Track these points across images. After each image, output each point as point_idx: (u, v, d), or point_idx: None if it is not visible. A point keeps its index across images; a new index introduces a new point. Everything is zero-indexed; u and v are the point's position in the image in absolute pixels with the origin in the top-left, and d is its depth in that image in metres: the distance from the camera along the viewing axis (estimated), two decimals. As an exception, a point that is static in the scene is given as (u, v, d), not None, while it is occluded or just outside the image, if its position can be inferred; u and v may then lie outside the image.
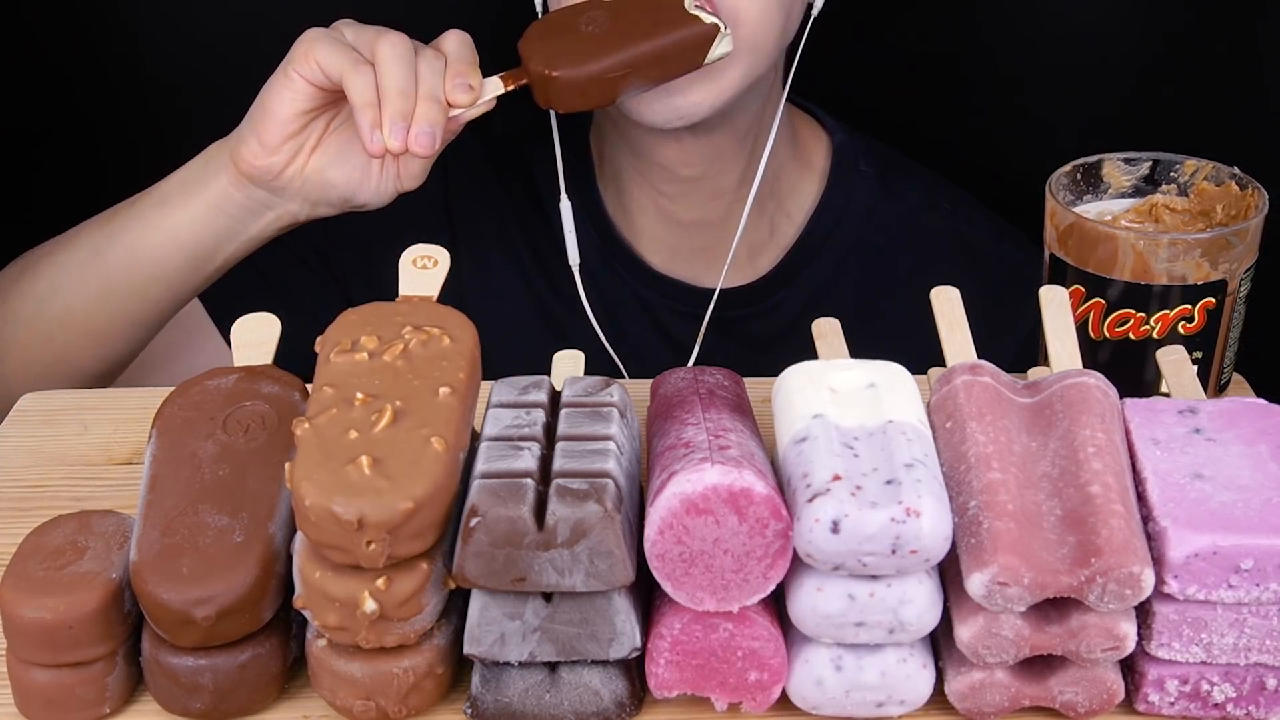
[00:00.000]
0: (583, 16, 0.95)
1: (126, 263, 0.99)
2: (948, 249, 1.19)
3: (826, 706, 0.67)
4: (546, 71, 0.93)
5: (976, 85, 1.35)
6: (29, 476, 0.86)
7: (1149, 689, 0.67)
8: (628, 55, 0.94)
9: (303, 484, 0.62)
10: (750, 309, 1.18)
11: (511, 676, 0.67)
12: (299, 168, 0.96)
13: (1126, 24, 1.31)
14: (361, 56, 0.92)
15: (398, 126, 0.90)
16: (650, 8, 0.95)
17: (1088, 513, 0.65)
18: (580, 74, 0.93)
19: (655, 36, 0.94)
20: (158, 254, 0.98)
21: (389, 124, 0.90)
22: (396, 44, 0.92)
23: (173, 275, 0.99)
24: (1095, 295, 0.85)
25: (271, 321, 0.81)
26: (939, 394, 0.73)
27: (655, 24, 0.95)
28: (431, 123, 0.91)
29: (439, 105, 0.91)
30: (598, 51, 0.94)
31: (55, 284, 1.01)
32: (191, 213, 0.97)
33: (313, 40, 0.93)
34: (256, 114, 0.95)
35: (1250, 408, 0.72)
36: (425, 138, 0.91)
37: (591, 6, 0.96)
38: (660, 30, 0.94)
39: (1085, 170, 0.91)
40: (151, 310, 1.01)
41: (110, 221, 1.01)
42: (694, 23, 0.95)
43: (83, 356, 1.02)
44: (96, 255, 1.00)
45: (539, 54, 0.94)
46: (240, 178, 0.96)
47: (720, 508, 0.63)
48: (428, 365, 0.68)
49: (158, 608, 0.65)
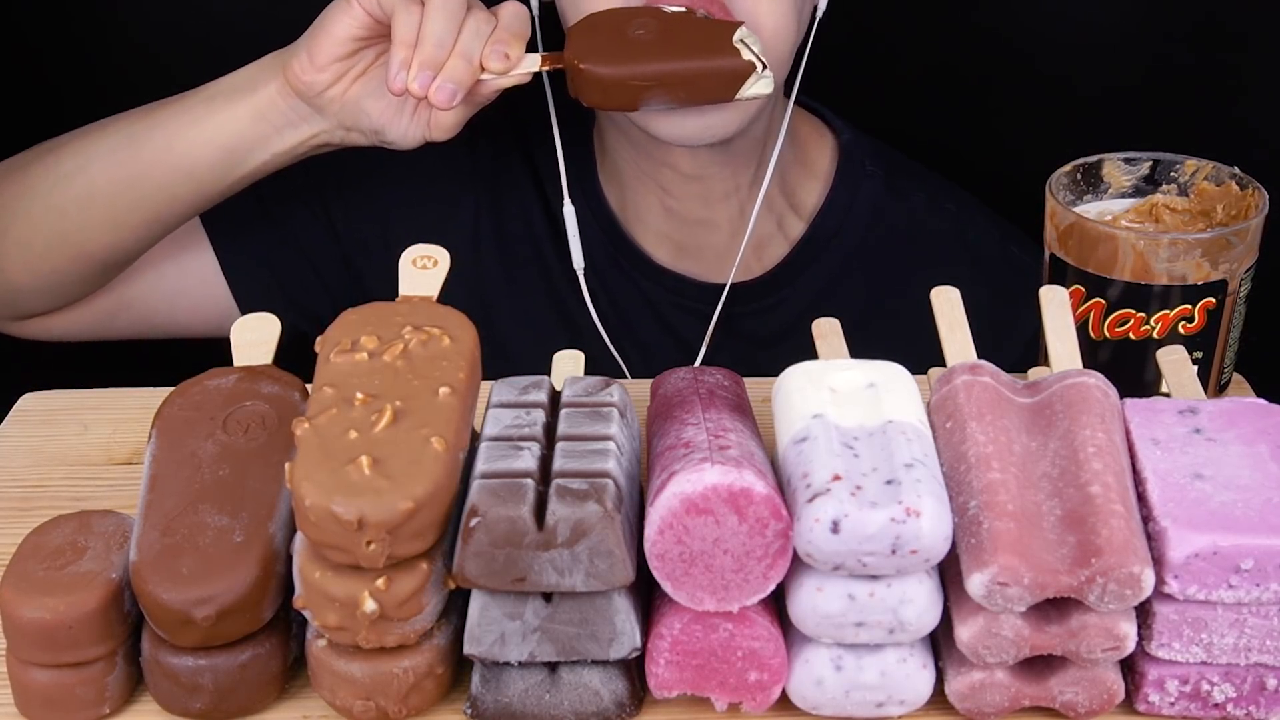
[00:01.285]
0: (635, 20, 0.96)
1: (162, 152, 1.01)
2: (952, 251, 1.19)
3: (826, 706, 0.67)
4: (576, 62, 0.94)
5: (976, 85, 1.35)
6: (29, 476, 0.86)
7: (1149, 689, 0.67)
8: (659, 69, 0.95)
9: (303, 484, 0.62)
10: (754, 305, 1.17)
11: (511, 676, 0.67)
12: (340, 90, 0.98)
13: (1127, 24, 1.31)
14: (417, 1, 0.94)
15: (424, 73, 0.92)
16: (701, 30, 0.96)
17: (1088, 513, 0.65)
18: (606, 73, 0.94)
19: (692, 58, 0.95)
20: (193, 148, 1.01)
21: (417, 68, 0.92)
22: (446, 4, 0.93)
23: (203, 172, 1.02)
24: (1095, 295, 0.85)
25: (271, 321, 0.81)
26: (939, 394, 0.73)
27: (697, 46, 0.95)
28: (456, 79, 0.92)
29: (469, 65, 0.93)
30: (633, 57, 0.95)
31: (82, 164, 1.04)
32: (235, 112, 1.00)
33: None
34: (314, 31, 0.98)
35: (1250, 408, 0.72)
36: (445, 92, 0.92)
37: (645, 13, 0.96)
38: (700, 53, 0.95)
39: (1085, 170, 0.91)
40: (172, 205, 1.04)
41: (152, 114, 1.04)
42: (734, 55, 0.95)
43: (95, 239, 1.05)
44: (133, 141, 1.02)
45: (578, 43, 0.95)
46: (286, 87, 0.99)
47: (720, 508, 0.63)
48: (428, 365, 0.68)
49: (158, 608, 0.65)
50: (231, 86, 1.01)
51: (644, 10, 0.97)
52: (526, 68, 0.95)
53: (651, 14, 0.97)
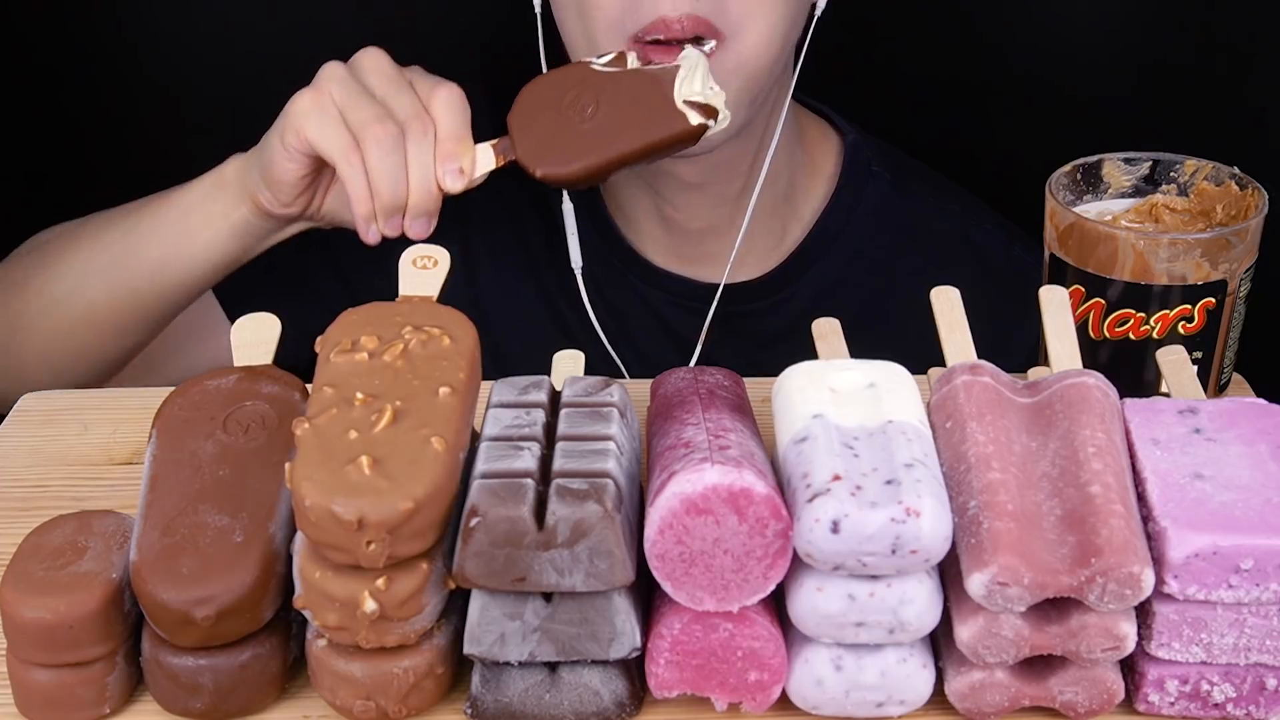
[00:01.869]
0: (569, 94, 0.91)
1: (156, 272, 1.02)
2: (958, 252, 1.19)
3: (826, 706, 0.67)
4: (532, 170, 0.90)
5: (976, 85, 1.35)
6: (29, 476, 0.86)
7: (1149, 689, 0.67)
8: (615, 154, 0.90)
9: (303, 484, 0.62)
10: (756, 304, 1.17)
11: (511, 676, 0.67)
12: (315, 207, 0.99)
13: (1127, 24, 1.31)
14: (350, 139, 0.91)
15: (392, 219, 0.92)
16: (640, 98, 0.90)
17: (1088, 513, 0.65)
18: (566, 172, 0.90)
19: (640, 137, 0.90)
20: (187, 265, 1.01)
21: (382, 218, 0.92)
22: (385, 130, 0.91)
23: (199, 284, 1.03)
24: (1095, 295, 0.85)
25: (271, 321, 0.81)
26: (939, 394, 0.73)
27: (642, 122, 0.90)
28: (424, 211, 0.92)
29: (431, 195, 0.91)
30: (580, 151, 0.90)
31: (77, 286, 1.04)
32: (217, 233, 1.00)
33: (302, 115, 0.93)
34: (264, 172, 0.97)
35: (1250, 408, 0.72)
36: (419, 226, 0.92)
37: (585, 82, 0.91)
38: (646, 130, 0.90)
39: (1085, 170, 0.91)
40: (176, 308, 1.05)
41: (134, 230, 1.03)
42: (679, 121, 0.90)
43: (105, 349, 1.06)
44: (125, 265, 1.03)
45: (524, 142, 0.91)
46: (259, 211, 0.99)
47: (720, 508, 0.63)
48: (428, 365, 0.68)
49: (158, 608, 0.65)
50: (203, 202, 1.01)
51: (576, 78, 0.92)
52: (483, 169, 0.92)
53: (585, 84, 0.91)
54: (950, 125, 1.34)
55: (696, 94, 0.90)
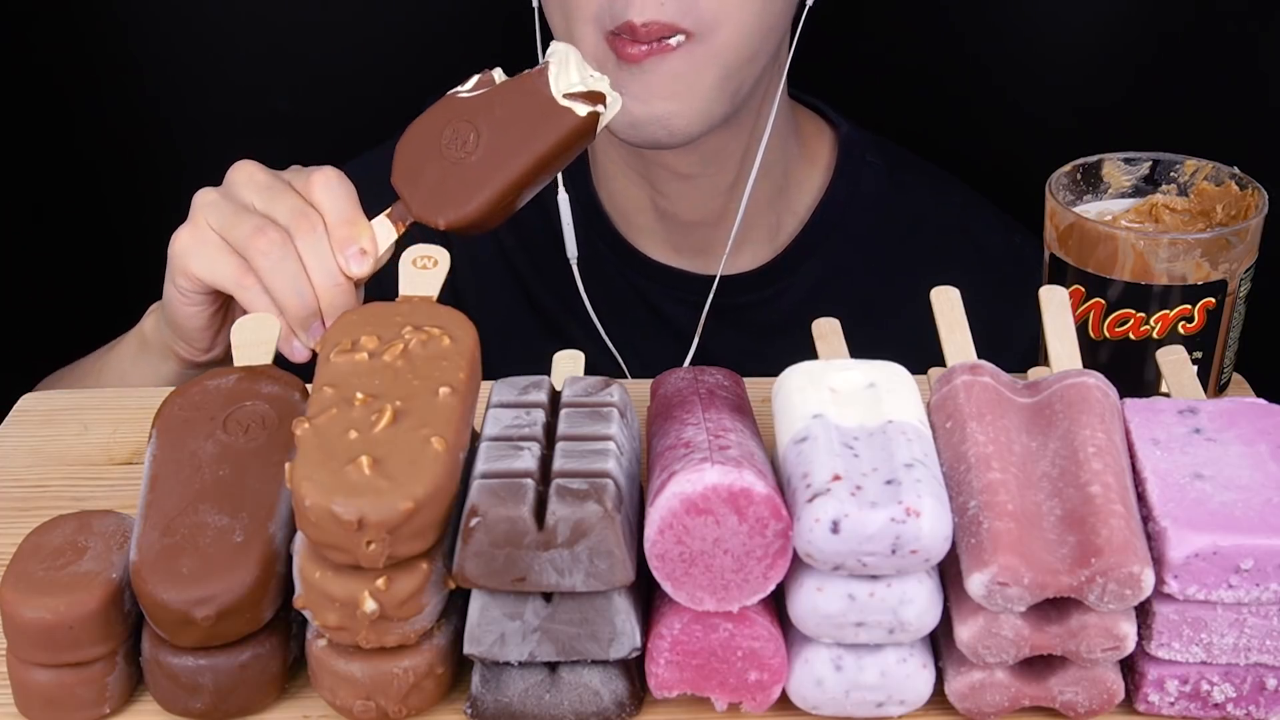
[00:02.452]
0: (445, 133, 0.85)
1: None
2: (956, 242, 1.19)
3: (826, 706, 0.67)
4: (435, 223, 0.84)
5: (976, 85, 1.35)
6: (29, 476, 0.86)
7: (1149, 689, 0.67)
8: (514, 175, 0.84)
9: (303, 484, 0.62)
10: (753, 295, 1.17)
11: (511, 676, 0.67)
12: None
13: (1126, 23, 1.31)
14: (239, 262, 0.87)
15: (313, 328, 0.86)
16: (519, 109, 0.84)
17: (1088, 513, 0.65)
18: (468, 214, 0.84)
19: (534, 147, 0.84)
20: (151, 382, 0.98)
21: (300, 330, 0.86)
22: (268, 249, 0.85)
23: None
24: (1095, 295, 0.85)
25: (271, 322, 0.81)
26: (939, 394, 0.73)
27: (530, 132, 0.84)
28: (341, 305, 0.86)
29: (341, 288, 0.86)
30: (477, 184, 0.84)
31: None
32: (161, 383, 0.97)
33: (184, 254, 0.89)
34: (171, 324, 0.93)
35: (1250, 408, 0.72)
36: None
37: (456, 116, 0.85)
38: (538, 138, 0.84)
39: (1085, 170, 0.91)
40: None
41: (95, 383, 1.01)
42: (568, 117, 0.84)
43: None
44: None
45: (417, 197, 0.85)
46: (186, 364, 0.95)
47: (720, 508, 0.63)
48: (428, 365, 0.68)
49: (158, 608, 0.65)
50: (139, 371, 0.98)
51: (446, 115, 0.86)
52: (385, 245, 0.86)
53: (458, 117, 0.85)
54: (950, 125, 1.35)
55: (575, 85, 0.84)
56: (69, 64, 1.40)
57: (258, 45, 1.39)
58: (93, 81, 1.41)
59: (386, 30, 1.40)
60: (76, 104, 1.42)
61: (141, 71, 1.41)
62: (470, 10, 1.37)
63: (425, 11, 1.38)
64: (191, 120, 1.42)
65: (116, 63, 1.40)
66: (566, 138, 0.84)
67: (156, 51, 1.40)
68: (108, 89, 1.42)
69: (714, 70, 1.01)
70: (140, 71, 1.41)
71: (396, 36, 1.40)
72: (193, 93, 1.41)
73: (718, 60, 1.01)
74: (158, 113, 1.42)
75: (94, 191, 1.46)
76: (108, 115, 1.43)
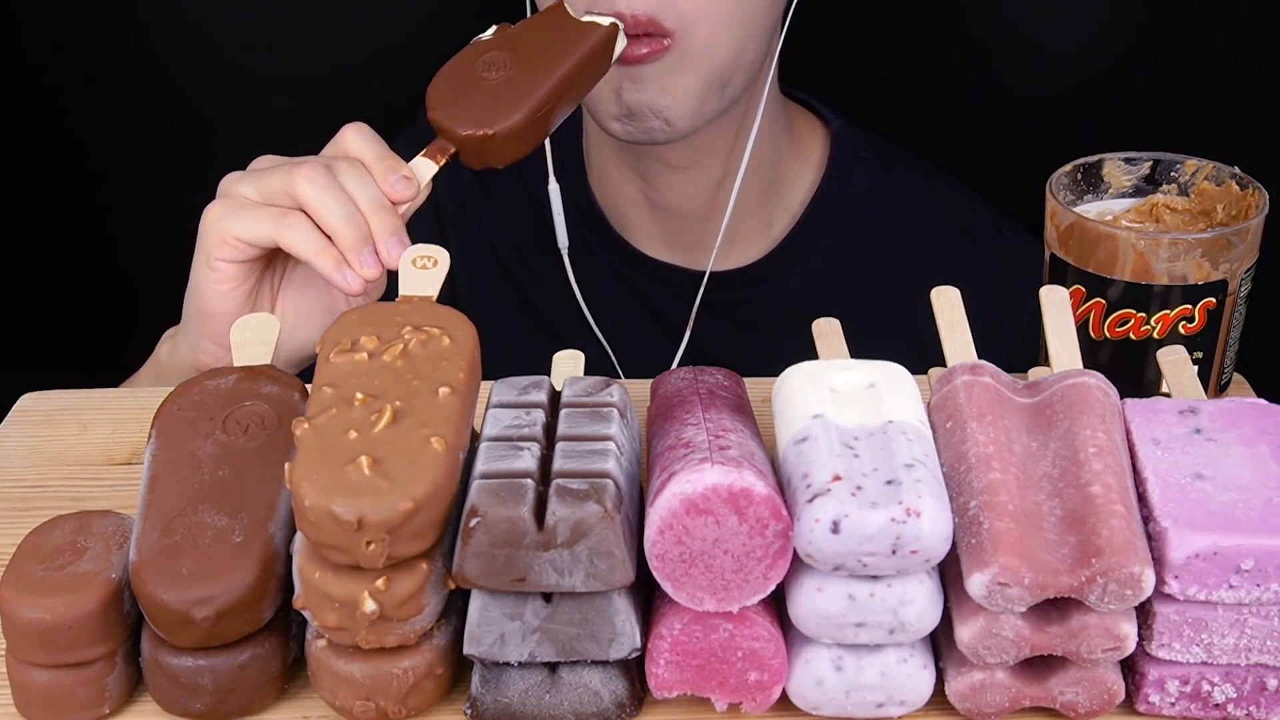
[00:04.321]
0: (478, 63, 0.90)
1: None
2: (948, 235, 1.19)
3: (827, 707, 0.67)
4: (484, 131, 0.87)
5: (976, 85, 1.35)
6: (29, 476, 0.86)
7: (1149, 689, 0.67)
8: (549, 86, 0.89)
9: (303, 484, 0.62)
10: (748, 291, 1.18)
11: (511, 677, 0.67)
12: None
13: (1127, 24, 1.31)
14: (278, 210, 0.86)
15: (365, 254, 0.84)
16: (543, 31, 0.91)
17: (1088, 513, 0.65)
18: (516, 122, 0.88)
19: (565, 58, 0.90)
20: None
21: (354, 256, 0.84)
22: (313, 176, 0.85)
23: None
24: (1096, 295, 0.85)
25: (271, 321, 0.81)
26: (939, 394, 0.73)
27: (558, 46, 0.90)
28: (393, 230, 0.85)
29: (390, 210, 0.86)
30: (519, 94, 0.88)
31: None
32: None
33: (221, 219, 0.87)
34: (198, 318, 0.91)
35: (1251, 408, 0.72)
36: (398, 248, 0.84)
37: (485, 50, 0.91)
38: (566, 50, 0.90)
39: (1086, 170, 0.91)
40: None
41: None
42: (593, 30, 0.92)
43: None
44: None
45: (463, 118, 0.88)
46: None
47: (720, 508, 0.63)
48: (428, 365, 0.68)
49: (157, 608, 0.65)
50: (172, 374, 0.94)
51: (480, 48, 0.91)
52: (426, 176, 0.88)
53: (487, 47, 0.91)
54: (950, 125, 1.35)
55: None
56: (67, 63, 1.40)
57: (258, 43, 1.39)
58: (92, 80, 1.41)
59: (388, 28, 1.40)
60: (76, 103, 1.42)
61: (142, 70, 1.41)
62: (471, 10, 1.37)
63: (426, 10, 1.38)
64: (192, 117, 1.42)
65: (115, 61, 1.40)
66: (592, 50, 0.91)
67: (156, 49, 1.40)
68: (107, 88, 1.42)
69: (696, 69, 1.01)
70: (140, 70, 1.41)
71: (398, 34, 1.40)
72: (193, 90, 1.41)
73: (699, 59, 1.01)
74: (158, 111, 1.42)
75: (94, 191, 1.46)
76: (107, 114, 1.43)
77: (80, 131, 1.43)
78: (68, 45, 1.39)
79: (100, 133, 1.43)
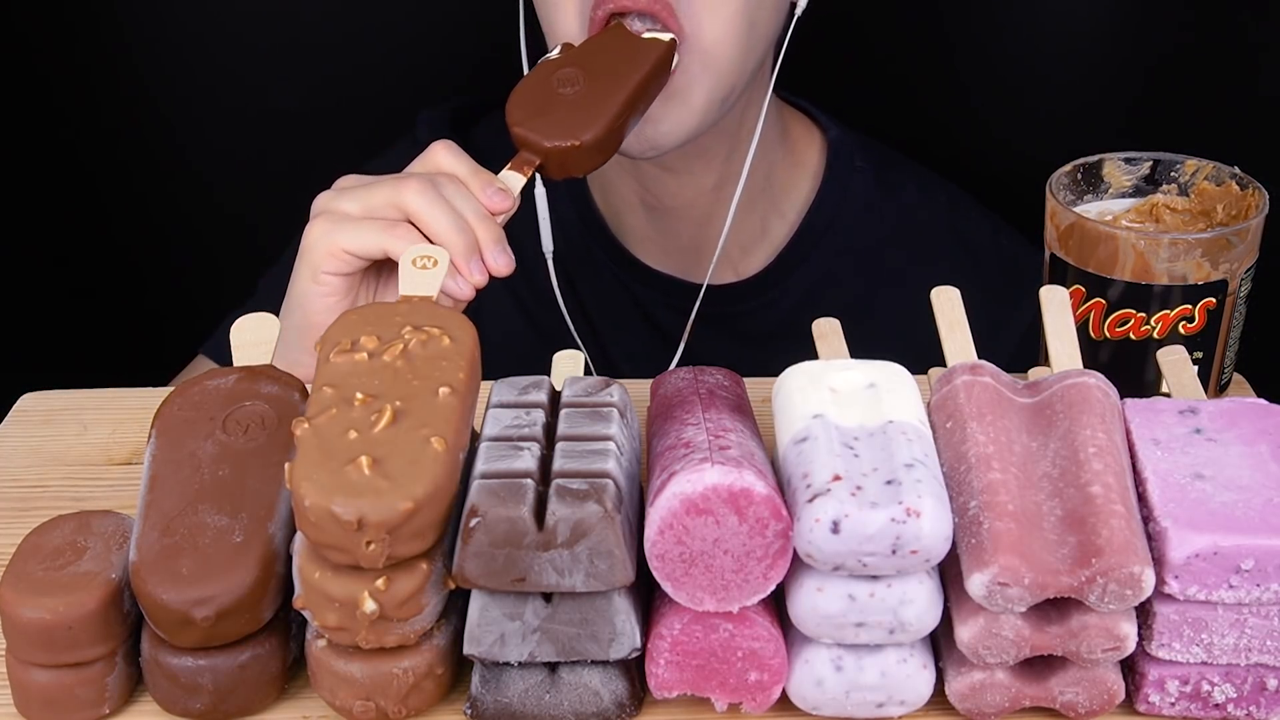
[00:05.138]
0: (552, 79, 0.95)
1: None
2: (945, 243, 1.19)
3: (827, 707, 0.67)
4: (572, 143, 0.92)
5: (976, 85, 1.35)
6: (29, 476, 0.86)
7: (1149, 689, 0.67)
8: (624, 97, 0.94)
9: (302, 484, 0.62)
10: (745, 304, 1.18)
11: (511, 677, 0.67)
12: None
13: (1127, 24, 1.31)
14: (384, 222, 0.89)
15: (474, 261, 0.88)
16: (608, 49, 0.96)
17: (1088, 513, 0.65)
18: (599, 133, 0.92)
19: (634, 72, 0.95)
20: None
21: (464, 263, 0.88)
22: (421, 189, 0.88)
23: None
24: (1096, 295, 0.85)
25: (271, 322, 0.81)
26: (939, 394, 0.73)
27: (624, 61, 0.95)
28: (496, 239, 0.89)
29: (491, 221, 0.89)
30: (598, 106, 0.93)
31: None
32: None
33: (327, 234, 0.89)
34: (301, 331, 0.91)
35: (1251, 408, 0.72)
36: (503, 256, 0.89)
37: (556, 68, 0.95)
38: (633, 65, 0.95)
39: (1086, 170, 0.91)
40: None
41: None
42: (654, 46, 0.97)
43: None
44: None
45: (549, 131, 0.92)
46: None
47: (720, 508, 0.63)
48: (427, 365, 0.68)
49: (157, 608, 0.65)
50: None
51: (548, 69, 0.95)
52: (515, 189, 0.92)
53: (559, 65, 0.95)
54: (950, 125, 1.35)
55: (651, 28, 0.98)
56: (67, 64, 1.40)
57: (259, 43, 1.40)
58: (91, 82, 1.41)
59: (389, 28, 1.40)
60: (76, 102, 1.42)
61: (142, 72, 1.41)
62: (471, 9, 1.38)
63: (427, 10, 1.38)
64: (192, 119, 1.42)
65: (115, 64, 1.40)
66: (656, 64, 0.96)
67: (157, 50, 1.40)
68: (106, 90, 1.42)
69: (706, 77, 1.00)
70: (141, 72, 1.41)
71: (398, 34, 1.40)
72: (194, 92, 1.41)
73: (709, 66, 1.00)
74: (158, 113, 1.42)
75: (94, 190, 1.46)
76: (108, 115, 1.43)
77: (82, 133, 1.43)
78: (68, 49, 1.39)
79: (104, 134, 1.43)
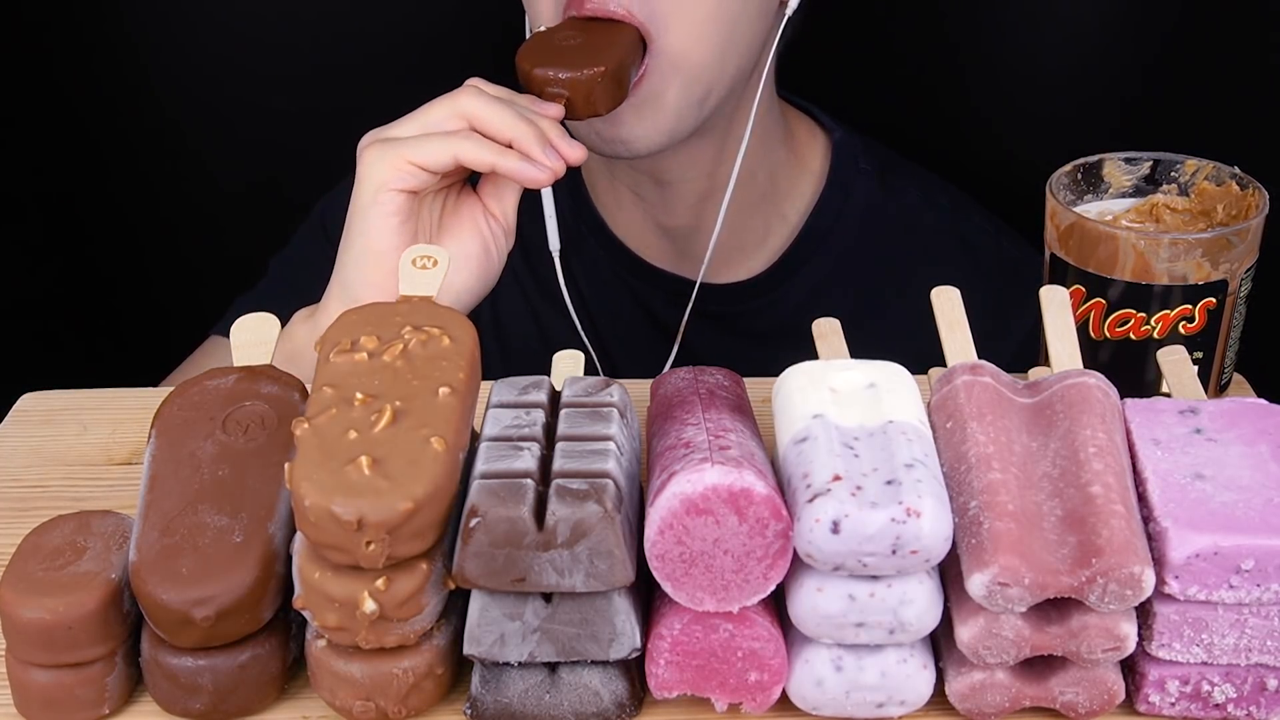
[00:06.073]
0: (553, 38, 0.97)
1: None
2: (947, 247, 1.19)
3: (827, 707, 0.67)
4: (597, 69, 0.94)
5: (976, 85, 1.35)
6: (29, 476, 0.86)
7: (1150, 689, 0.67)
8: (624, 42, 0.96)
9: (302, 484, 0.62)
10: (748, 305, 1.18)
11: (511, 677, 0.67)
12: None
13: (1126, 24, 1.31)
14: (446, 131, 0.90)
15: (546, 149, 0.90)
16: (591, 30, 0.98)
17: (1088, 513, 0.65)
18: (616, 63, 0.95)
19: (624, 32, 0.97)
20: None
21: (538, 150, 0.89)
22: (476, 95, 0.90)
23: None
24: (1096, 295, 0.85)
25: (271, 322, 0.81)
26: (939, 394, 0.72)
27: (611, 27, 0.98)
28: (561, 133, 0.91)
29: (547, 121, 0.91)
30: (606, 46, 0.96)
31: None
32: None
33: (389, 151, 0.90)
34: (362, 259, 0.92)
35: (1251, 408, 0.72)
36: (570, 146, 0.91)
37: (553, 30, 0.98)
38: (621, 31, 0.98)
39: (1086, 170, 0.91)
40: None
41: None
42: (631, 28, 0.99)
43: None
44: None
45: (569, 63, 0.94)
46: None
47: (720, 508, 0.63)
48: (427, 365, 0.68)
49: (157, 608, 0.65)
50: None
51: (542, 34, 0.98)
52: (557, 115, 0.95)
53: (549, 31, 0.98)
54: (950, 125, 1.35)
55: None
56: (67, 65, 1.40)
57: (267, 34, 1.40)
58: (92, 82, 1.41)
59: (388, 26, 1.40)
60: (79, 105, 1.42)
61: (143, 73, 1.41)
62: (472, 9, 1.38)
63: (428, 9, 1.38)
64: (194, 119, 1.42)
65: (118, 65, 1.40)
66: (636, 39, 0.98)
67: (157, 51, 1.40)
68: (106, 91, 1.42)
69: (678, 77, 1.00)
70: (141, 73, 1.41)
71: (398, 33, 1.40)
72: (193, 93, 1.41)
73: (679, 66, 0.99)
74: (162, 113, 1.42)
75: (94, 190, 1.46)
76: (108, 112, 1.43)
77: (83, 132, 1.43)
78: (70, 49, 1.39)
79: (103, 133, 1.43)
